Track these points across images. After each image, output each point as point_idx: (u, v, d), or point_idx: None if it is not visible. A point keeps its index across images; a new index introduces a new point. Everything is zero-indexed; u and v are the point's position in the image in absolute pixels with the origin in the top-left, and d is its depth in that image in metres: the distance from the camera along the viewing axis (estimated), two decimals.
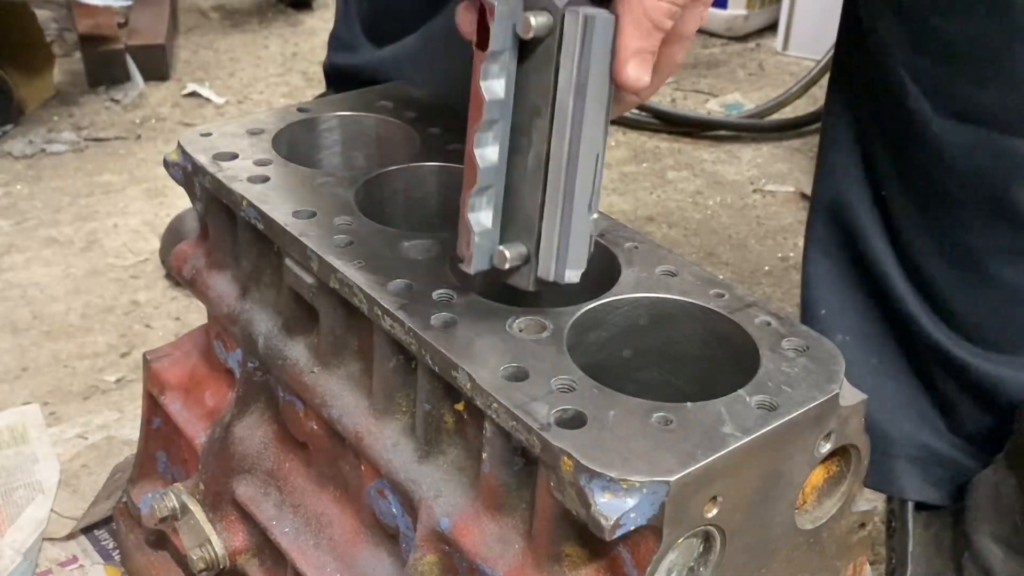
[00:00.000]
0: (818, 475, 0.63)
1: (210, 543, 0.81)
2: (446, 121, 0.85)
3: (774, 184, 1.80)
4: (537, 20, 0.57)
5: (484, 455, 0.60)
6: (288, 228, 0.70)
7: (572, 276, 0.61)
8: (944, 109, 0.87)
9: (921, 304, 0.96)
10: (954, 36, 0.84)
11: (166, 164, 0.82)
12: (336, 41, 1.37)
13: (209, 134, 0.81)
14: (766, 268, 1.57)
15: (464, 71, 0.71)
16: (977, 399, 0.96)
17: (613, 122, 0.76)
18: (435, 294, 0.64)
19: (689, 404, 0.56)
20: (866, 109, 0.95)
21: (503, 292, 0.65)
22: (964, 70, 0.85)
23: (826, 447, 0.60)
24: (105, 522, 1.05)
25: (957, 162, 0.89)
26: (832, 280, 1.02)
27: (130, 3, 2.11)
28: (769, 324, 0.64)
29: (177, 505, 0.82)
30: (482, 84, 0.58)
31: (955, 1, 0.83)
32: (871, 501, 0.66)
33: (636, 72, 0.58)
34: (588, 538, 0.57)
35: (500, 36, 0.57)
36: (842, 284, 1.01)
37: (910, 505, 1.00)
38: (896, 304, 0.97)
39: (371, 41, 1.31)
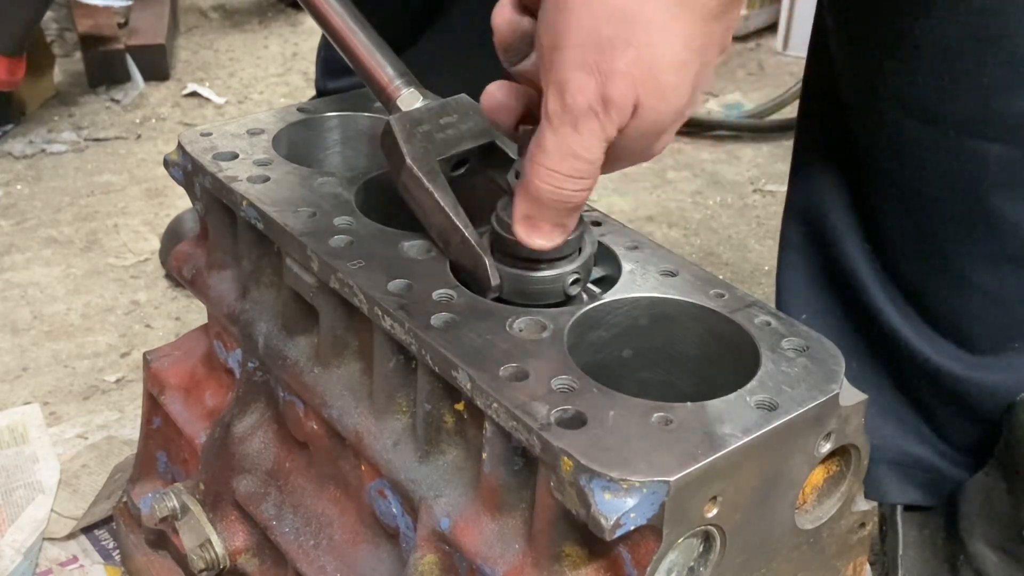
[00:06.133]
0: (818, 475, 0.63)
1: (210, 543, 0.81)
2: None
3: (774, 184, 1.80)
4: None
5: (484, 455, 0.60)
6: (288, 228, 0.70)
7: None
8: (915, 113, 0.86)
9: (898, 309, 0.94)
10: (918, 37, 0.83)
11: (166, 164, 0.82)
12: (326, 65, 1.35)
13: (209, 134, 0.81)
14: (766, 268, 1.57)
15: (454, 90, 0.71)
16: (956, 404, 0.94)
17: None
18: (435, 294, 0.64)
19: (689, 404, 0.56)
20: (839, 112, 0.94)
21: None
22: (930, 73, 0.84)
23: (826, 447, 0.60)
24: (105, 522, 1.05)
25: (930, 166, 0.87)
26: (808, 285, 1.00)
27: (130, 3, 2.11)
28: (769, 324, 0.64)
29: (177, 505, 0.82)
30: None
31: (917, 1, 0.82)
32: (871, 501, 0.66)
33: (523, 234, 0.63)
34: (588, 538, 0.57)
35: None
36: (818, 289, 1.00)
37: (899, 509, 1.00)
38: (873, 310, 0.95)
39: None
